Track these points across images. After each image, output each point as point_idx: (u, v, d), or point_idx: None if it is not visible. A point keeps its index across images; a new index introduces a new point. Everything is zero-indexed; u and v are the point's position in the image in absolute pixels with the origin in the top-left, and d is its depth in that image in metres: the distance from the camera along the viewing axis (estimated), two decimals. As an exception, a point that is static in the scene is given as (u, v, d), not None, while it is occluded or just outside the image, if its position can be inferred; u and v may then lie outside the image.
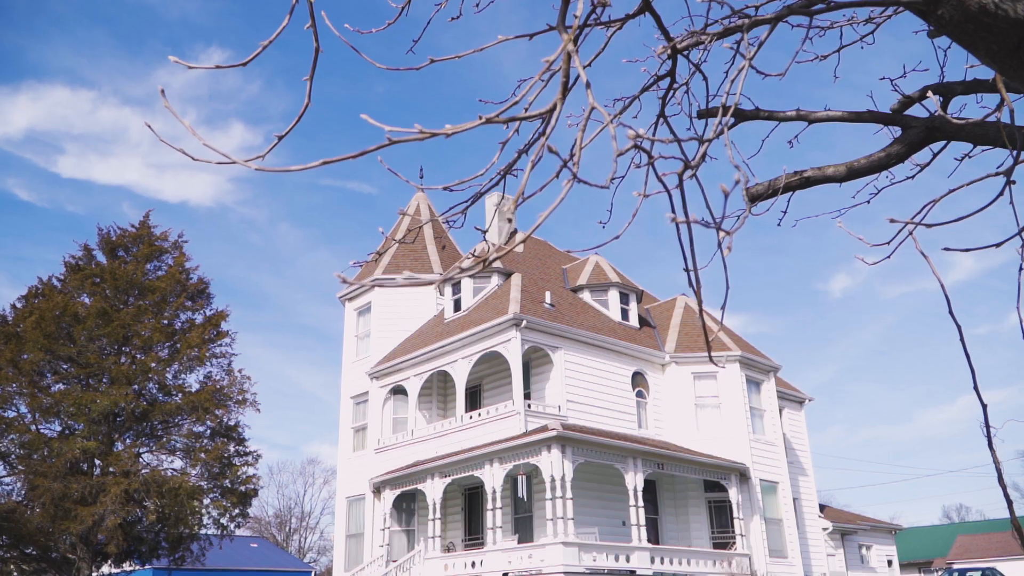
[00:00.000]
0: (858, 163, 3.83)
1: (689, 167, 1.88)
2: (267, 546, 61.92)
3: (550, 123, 1.73)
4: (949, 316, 2.57)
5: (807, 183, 3.99)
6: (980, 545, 49.81)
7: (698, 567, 22.61)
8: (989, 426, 2.39)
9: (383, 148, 1.71)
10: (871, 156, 3.82)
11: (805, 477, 30.89)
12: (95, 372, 27.69)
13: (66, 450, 25.82)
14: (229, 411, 29.30)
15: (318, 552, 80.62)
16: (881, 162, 3.76)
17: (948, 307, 2.46)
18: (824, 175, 3.94)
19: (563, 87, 1.73)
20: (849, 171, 3.86)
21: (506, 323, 23.78)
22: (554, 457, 20.69)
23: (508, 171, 2.15)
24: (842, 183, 3.94)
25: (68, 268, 29.52)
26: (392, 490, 25.38)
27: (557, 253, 32.92)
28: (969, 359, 2.39)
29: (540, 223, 1.73)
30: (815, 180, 3.97)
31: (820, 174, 3.95)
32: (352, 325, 31.16)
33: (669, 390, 27.38)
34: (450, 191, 2.67)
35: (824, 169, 3.94)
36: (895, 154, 3.72)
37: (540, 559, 19.91)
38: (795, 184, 4.01)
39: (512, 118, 1.79)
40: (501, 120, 1.74)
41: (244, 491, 29.53)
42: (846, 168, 3.88)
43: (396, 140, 1.71)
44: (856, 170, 3.84)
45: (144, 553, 29.77)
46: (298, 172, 1.63)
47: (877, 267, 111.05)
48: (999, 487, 2.36)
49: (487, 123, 1.71)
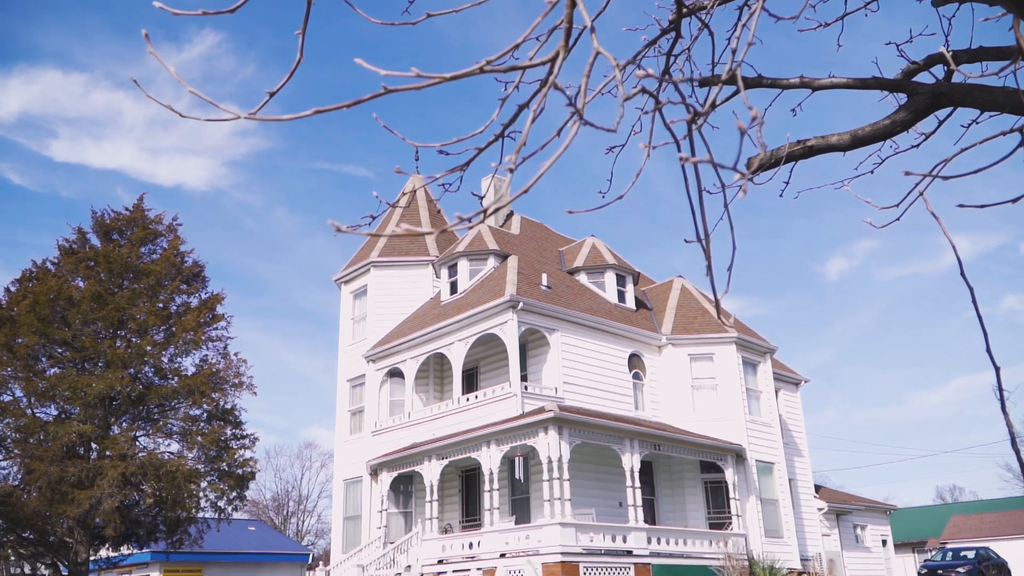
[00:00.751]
0: (863, 131, 3.77)
1: (699, 115, 1.81)
2: (265, 529, 62.09)
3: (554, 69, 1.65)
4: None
5: (810, 152, 3.93)
6: (973, 525, 50.13)
7: (694, 547, 22.70)
8: (1003, 389, 2.34)
9: (379, 97, 1.64)
10: (876, 124, 3.75)
11: (801, 458, 30.99)
12: (90, 356, 27.59)
13: (62, 434, 25.75)
14: (226, 394, 29.23)
15: (316, 535, 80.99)
16: (886, 130, 3.69)
17: (960, 269, 2.40)
18: (828, 144, 3.87)
19: (566, 33, 1.66)
20: (853, 139, 3.80)
21: (503, 305, 23.74)
22: (551, 438, 20.70)
23: (509, 125, 2.08)
24: (846, 152, 3.87)
25: (62, 251, 29.34)
26: (389, 472, 25.40)
27: (554, 235, 32.84)
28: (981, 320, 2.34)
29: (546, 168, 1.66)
30: (818, 149, 3.91)
31: (824, 143, 3.88)
32: (348, 308, 31.11)
33: (666, 372, 27.40)
34: (446, 154, 2.60)
35: (828, 138, 3.87)
36: (900, 121, 3.65)
37: (537, 540, 19.96)
38: (798, 153, 3.94)
39: (513, 67, 1.71)
40: (501, 69, 1.67)
41: (241, 474, 29.49)
42: (850, 136, 3.81)
43: (392, 89, 1.64)
44: (861, 138, 3.78)
45: (142, 536, 29.78)
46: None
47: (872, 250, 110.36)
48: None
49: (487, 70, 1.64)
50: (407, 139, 2.01)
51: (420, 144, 2.01)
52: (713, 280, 2.04)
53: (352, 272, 30.84)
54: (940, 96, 3.52)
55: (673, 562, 21.77)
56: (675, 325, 27.99)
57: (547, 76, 1.70)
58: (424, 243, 30.59)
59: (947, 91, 3.52)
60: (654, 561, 21.32)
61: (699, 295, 29.77)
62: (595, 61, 1.61)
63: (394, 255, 30.13)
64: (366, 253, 30.90)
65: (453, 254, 28.01)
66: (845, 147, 3.82)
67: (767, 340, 28.91)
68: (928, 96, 3.54)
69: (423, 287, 29.74)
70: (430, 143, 2.22)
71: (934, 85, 3.57)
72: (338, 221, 2.44)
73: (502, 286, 24.69)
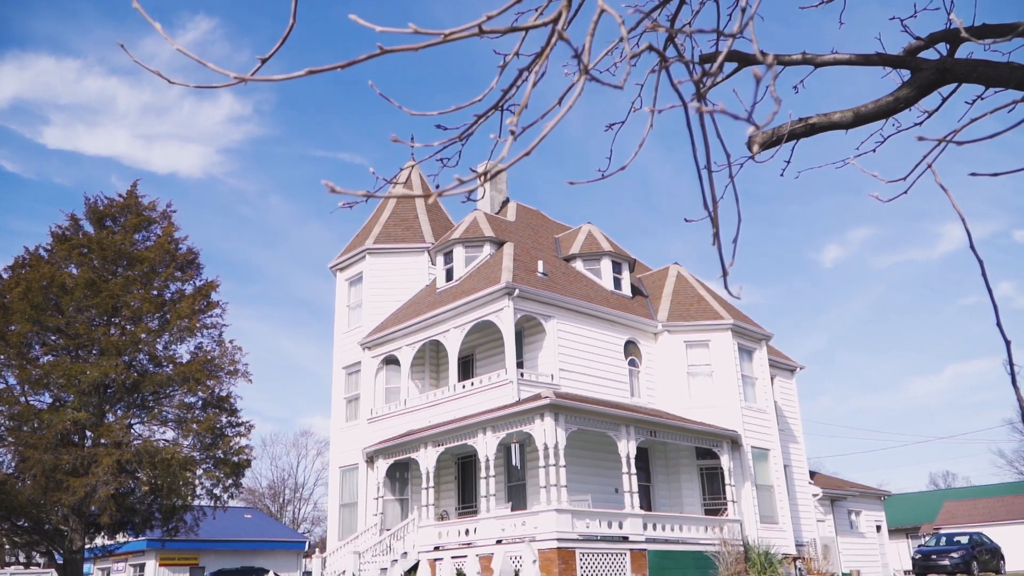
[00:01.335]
0: (865, 108, 3.71)
1: (707, 75, 1.76)
2: (261, 517, 62.17)
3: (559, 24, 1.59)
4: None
5: (812, 130, 3.87)
6: (967, 511, 50.40)
7: (690, 533, 22.76)
8: (1012, 364, 2.30)
9: (375, 57, 1.58)
10: (879, 101, 3.69)
11: (796, 444, 31.07)
12: (84, 343, 27.49)
13: (56, 421, 25.67)
14: (221, 382, 29.18)
15: (312, 523, 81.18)
16: (889, 106, 3.64)
17: (970, 242, 2.35)
18: (830, 122, 3.82)
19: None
20: (856, 117, 3.74)
21: (499, 292, 23.69)
22: (547, 425, 20.69)
23: (509, 91, 2.02)
24: (848, 130, 3.82)
25: (55, 238, 29.19)
26: (385, 459, 25.40)
27: (549, 222, 32.76)
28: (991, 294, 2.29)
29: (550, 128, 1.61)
30: (820, 127, 3.85)
31: (826, 120, 3.83)
32: (343, 295, 31.03)
33: (661, 358, 27.40)
34: (443, 128, 2.54)
35: (830, 115, 3.82)
36: (904, 98, 3.60)
37: (533, 526, 19.98)
38: (800, 132, 3.88)
39: (514, 28, 1.65)
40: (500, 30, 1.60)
41: (237, 462, 29.48)
42: (853, 114, 3.75)
43: (388, 49, 1.58)
44: (863, 115, 3.72)
45: (137, 524, 29.76)
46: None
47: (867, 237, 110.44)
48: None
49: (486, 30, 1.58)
50: (403, 107, 1.95)
51: (416, 112, 1.95)
52: (720, 248, 1.99)
53: (347, 259, 30.75)
54: (944, 72, 3.47)
55: (669, 548, 21.83)
56: (671, 312, 27.98)
57: (550, 35, 1.64)
58: (420, 230, 30.50)
59: (951, 67, 3.46)
60: (650, 547, 21.38)
61: (695, 282, 29.74)
62: (599, 19, 1.55)
63: (389, 242, 30.03)
64: (361, 240, 30.80)
65: (449, 241, 27.93)
66: (847, 125, 3.76)
67: (763, 327, 28.93)
68: (932, 72, 3.49)
69: (419, 274, 29.67)
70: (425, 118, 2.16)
71: (938, 61, 3.52)
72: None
73: (498, 273, 24.63)
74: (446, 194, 1.70)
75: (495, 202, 32.32)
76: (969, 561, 26.73)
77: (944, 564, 26.61)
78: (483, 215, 28.95)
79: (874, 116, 3.70)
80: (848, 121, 3.75)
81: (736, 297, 1.94)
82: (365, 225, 32.16)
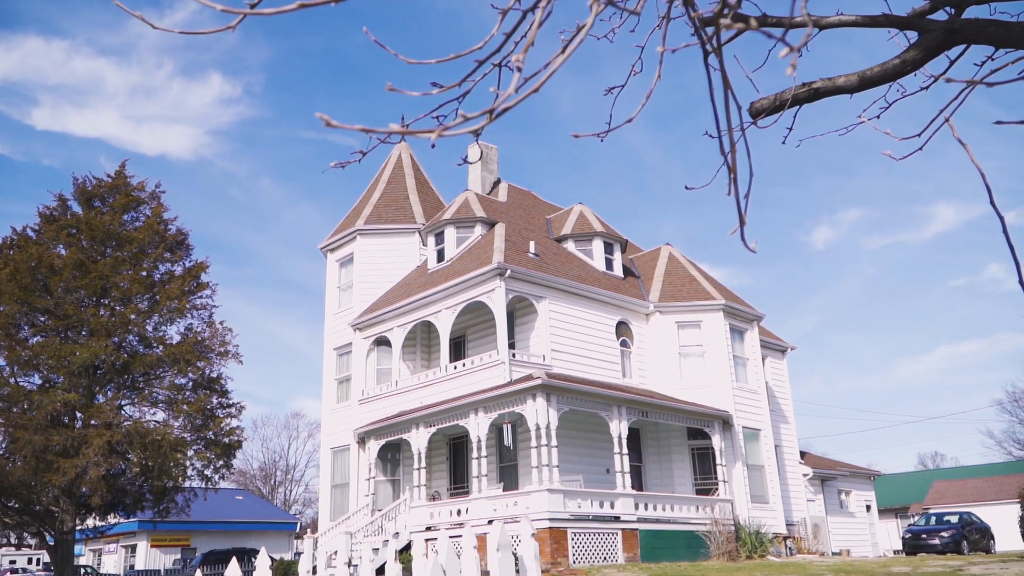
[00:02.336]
0: (871, 71, 3.62)
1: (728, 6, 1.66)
2: (252, 499, 62.26)
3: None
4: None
5: (816, 95, 3.78)
6: (955, 491, 50.78)
7: (681, 513, 22.82)
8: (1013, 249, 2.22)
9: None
10: (885, 64, 3.60)
11: (786, 425, 31.17)
12: (73, 324, 27.32)
13: (46, 402, 25.54)
14: (211, 363, 29.07)
15: (303, 504, 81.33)
16: (896, 69, 3.55)
17: (989, 197, 2.27)
18: (835, 86, 3.72)
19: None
20: (861, 81, 3.65)
21: (490, 273, 23.59)
22: (539, 405, 20.66)
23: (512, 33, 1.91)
24: (853, 94, 3.72)
25: (43, 219, 28.93)
26: (377, 440, 25.36)
27: (541, 203, 32.62)
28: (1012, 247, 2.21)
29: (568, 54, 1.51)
30: (825, 92, 3.76)
31: (830, 85, 3.73)
32: (334, 276, 30.86)
33: (653, 339, 27.39)
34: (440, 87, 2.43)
35: (835, 80, 3.72)
36: (911, 60, 3.50)
37: (525, 506, 19.99)
38: (803, 97, 3.79)
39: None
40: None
41: (228, 443, 29.43)
42: (858, 78, 3.66)
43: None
44: (869, 79, 3.63)
45: (128, 505, 29.73)
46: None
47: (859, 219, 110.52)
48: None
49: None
50: (400, 55, 1.85)
51: (413, 61, 1.85)
52: (738, 194, 1.90)
53: (338, 240, 30.56)
54: (953, 33, 3.37)
55: (660, 527, 21.89)
56: (663, 293, 27.93)
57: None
58: (411, 211, 30.31)
59: (961, 28, 3.37)
60: (641, 527, 21.43)
61: (687, 263, 29.69)
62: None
63: (380, 223, 29.85)
64: (352, 221, 30.61)
65: (440, 221, 27.78)
66: (852, 89, 3.67)
67: (754, 307, 28.94)
68: (940, 33, 3.39)
69: (410, 255, 29.51)
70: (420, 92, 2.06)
71: (947, 21, 3.42)
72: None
73: (489, 253, 24.52)
74: (451, 132, 1.61)
75: (486, 183, 32.15)
76: (959, 540, 26.88)
77: (934, 543, 26.74)
78: (474, 195, 28.79)
79: (880, 80, 3.61)
80: (853, 85, 3.66)
81: (752, 251, 1.86)
82: (356, 206, 31.96)
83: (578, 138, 2.05)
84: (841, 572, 15.03)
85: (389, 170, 32.37)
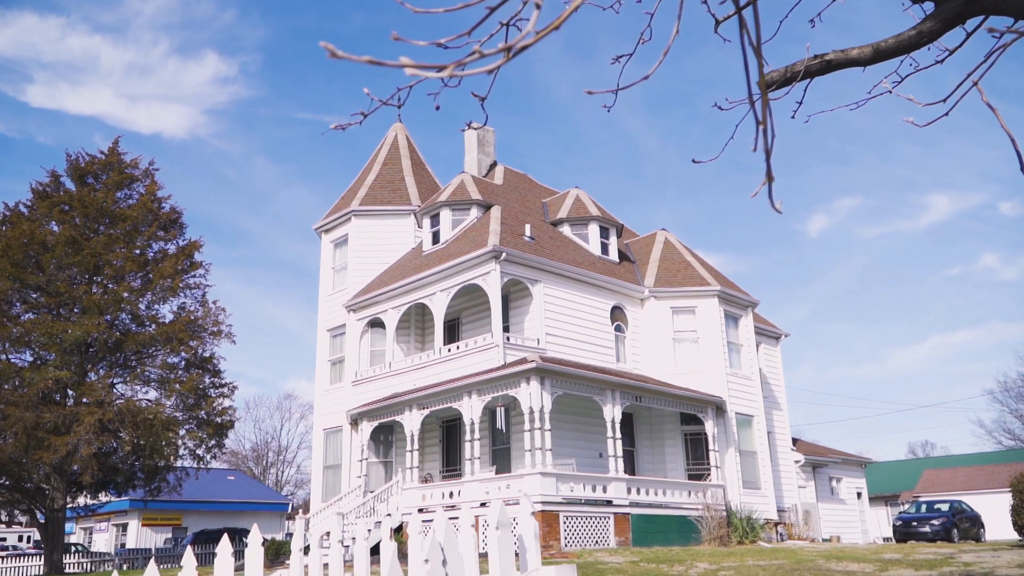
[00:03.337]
0: (885, 43, 3.51)
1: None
2: (244, 479, 62.28)
3: None
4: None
5: (828, 67, 3.67)
6: (945, 479, 51.04)
7: (673, 498, 22.85)
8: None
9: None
10: (899, 35, 3.50)
11: (779, 411, 31.22)
12: (66, 301, 27.14)
13: (38, 380, 25.40)
14: (204, 342, 28.95)
15: (295, 485, 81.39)
16: (911, 41, 3.45)
17: (1020, 164, 2.18)
18: (847, 58, 3.62)
19: None
20: (875, 53, 3.54)
21: (485, 255, 23.48)
22: (533, 389, 20.62)
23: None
24: (866, 67, 3.62)
25: (35, 195, 28.68)
26: (370, 422, 25.31)
27: (537, 187, 32.47)
28: None
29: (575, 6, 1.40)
30: (837, 64, 3.66)
31: (843, 57, 3.63)
32: (329, 257, 30.71)
33: (648, 324, 27.34)
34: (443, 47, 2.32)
35: (848, 52, 3.62)
36: (927, 32, 3.40)
37: (518, 489, 19.96)
38: (815, 69, 3.69)
39: None
40: None
41: (220, 422, 29.35)
42: (872, 50, 3.56)
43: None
44: (883, 51, 3.52)
45: (120, 483, 29.66)
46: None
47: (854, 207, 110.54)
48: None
49: None
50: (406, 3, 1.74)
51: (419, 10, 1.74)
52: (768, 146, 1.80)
53: (333, 221, 30.39)
54: (971, 3, 3.27)
55: (652, 512, 21.92)
56: (658, 278, 27.87)
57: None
58: (406, 192, 30.14)
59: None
60: (633, 511, 21.46)
61: (682, 248, 29.61)
62: None
63: (376, 204, 29.68)
64: (347, 202, 30.43)
65: (436, 203, 27.63)
66: (866, 61, 3.57)
67: (749, 294, 28.90)
68: (959, 3, 3.29)
69: (405, 237, 29.38)
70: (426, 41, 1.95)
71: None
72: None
73: (485, 236, 24.41)
74: (465, 68, 1.50)
75: (483, 165, 31.99)
76: (950, 529, 26.97)
77: (925, 531, 26.83)
78: (470, 178, 28.64)
79: (894, 52, 3.51)
80: (867, 57, 3.56)
81: (778, 211, 1.77)
82: (351, 187, 31.77)
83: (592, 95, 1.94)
84: (832, 558, 15.04)
85: (385, 151, 32.17)
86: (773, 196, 1.74)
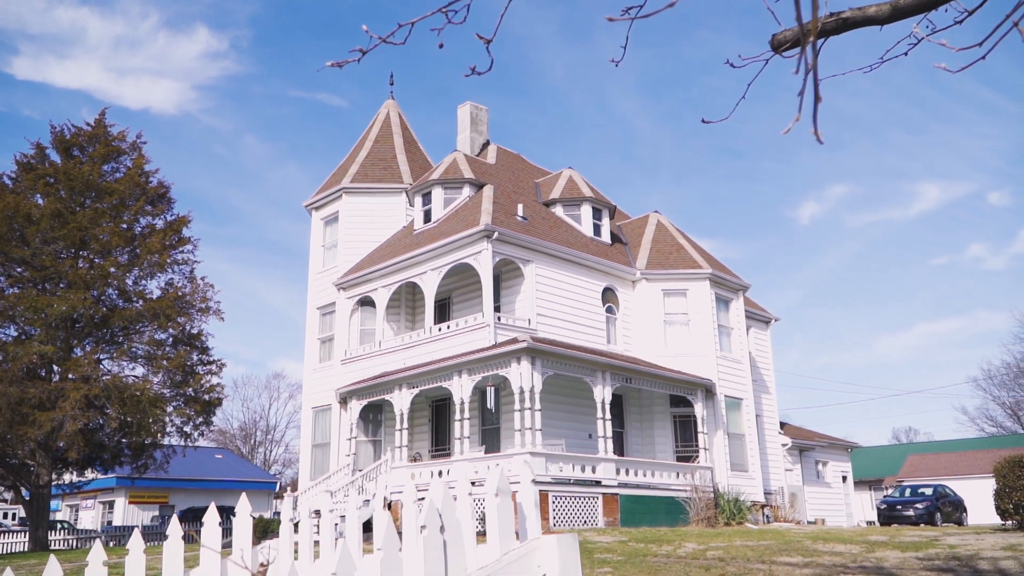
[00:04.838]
0: (904, 1, 3.39)
1: None
2: (232, 457, 62.21)
3: None
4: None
5: (844, 26, 3.54)
6: (929, 464, 51.45)
7: (662, 479, 22.90)
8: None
9: None
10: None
11: (768, 395, 31.31)
12: (51, 276, 26.86)
13: (22, 354, 25.16)
14: (192, 319, 28.74)
15: (283, 464, 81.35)
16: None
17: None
18: (864, 16, 3.49)
19: None
20: (894, 10, 3.42)
21: (477, 235, 23.35)
22: (523, 369, 20.56)
23: None
24: (884, 25, 3.50)
25: (20, 167, 28.30)
26: (359, 400, 25.22)
27: (530, 167, 32.30)
28: None
29: None
30: (854, 22, 3.53)
31: (860, 15, 3.50)
32: (319, 235, 30.49)
33: (639, 306, 27.31)
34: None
35: (865, 9, 3.49)
36: (950, -13, 3.28)
37: (507, 469, 19.94)
38: (831, 28, 3.56)
39: None
40: None
41: (208, 400, 29.20)
42: (890, 7, 3.43)
43: None
44: (902, 9, 3.40)
45: (106, 460, 29.49)
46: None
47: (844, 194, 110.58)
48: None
49: None
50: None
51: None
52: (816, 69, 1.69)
53: (323, 198, 30.14)
54: (998, -43, 3.15)
55: (641, 492, 21.95)
56: (650, 260, 27.82)
57: None
58: (398, 170, 29.92)
59: (1007, -48, 3.14)
60: (622, 491, 21.48)
61: (675, 231, 29.55)
62: None
63: (367, 181, 29.45)
64: (338, 179, 30.19)
65: (428, 182, 27.43)
66: (884, 19, 3.44)
67: (740, 277, 28.90)
68: (984, -43, 3.17)
69: (396, 215, 29.18)
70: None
71: (992, -55, 3.20)
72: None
73: (477, 215, 24.26)
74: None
75: (475, 144, 31.77)
76: (933, 512, 27.18)
77: (908, 515, 27.03)
78: (463, 156, 28.43)
79: (914, 10, 3.39)
80: (885, 15, 3.43)
81: (820, 142, 1.66)
82: (342, 164, 31.52)
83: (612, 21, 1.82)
84: (819, 539, 15.09)
85: (377, 128, 31.90)
86: (817, 121, 1.63)
